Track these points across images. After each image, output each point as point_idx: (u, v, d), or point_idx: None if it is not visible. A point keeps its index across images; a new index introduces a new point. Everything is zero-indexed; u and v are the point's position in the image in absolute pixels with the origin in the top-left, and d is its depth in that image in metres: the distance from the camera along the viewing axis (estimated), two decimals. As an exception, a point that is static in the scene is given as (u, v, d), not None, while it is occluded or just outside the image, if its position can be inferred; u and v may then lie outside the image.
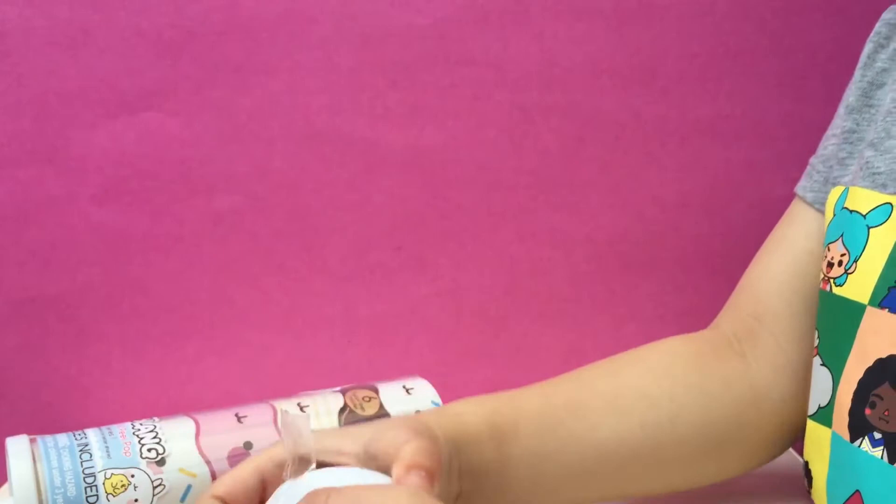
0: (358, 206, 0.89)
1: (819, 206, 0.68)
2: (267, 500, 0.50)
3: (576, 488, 0.63)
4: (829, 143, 0.69)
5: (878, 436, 0.56)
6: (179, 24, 0.84)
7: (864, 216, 0.60)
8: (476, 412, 0.60)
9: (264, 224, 0.89)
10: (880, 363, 0.56)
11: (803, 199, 0.70)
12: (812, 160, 0.71)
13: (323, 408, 0.69)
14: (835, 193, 0.65)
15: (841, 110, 0.69)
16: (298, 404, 0.68)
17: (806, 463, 0.66)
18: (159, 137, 0.86)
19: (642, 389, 0.65)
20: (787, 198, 0.75)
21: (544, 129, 0.90)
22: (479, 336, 0.93)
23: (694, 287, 0.94)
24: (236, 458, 0.64)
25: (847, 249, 0.61)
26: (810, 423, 0.64)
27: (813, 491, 0.64)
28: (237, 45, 0.85)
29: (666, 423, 0.64)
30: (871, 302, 0.58)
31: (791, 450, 0.83)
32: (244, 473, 0.52)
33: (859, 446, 0.57)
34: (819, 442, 0.63)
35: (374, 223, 0.90)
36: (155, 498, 0.61)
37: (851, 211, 0.62)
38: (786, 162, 0.72)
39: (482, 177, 0.90)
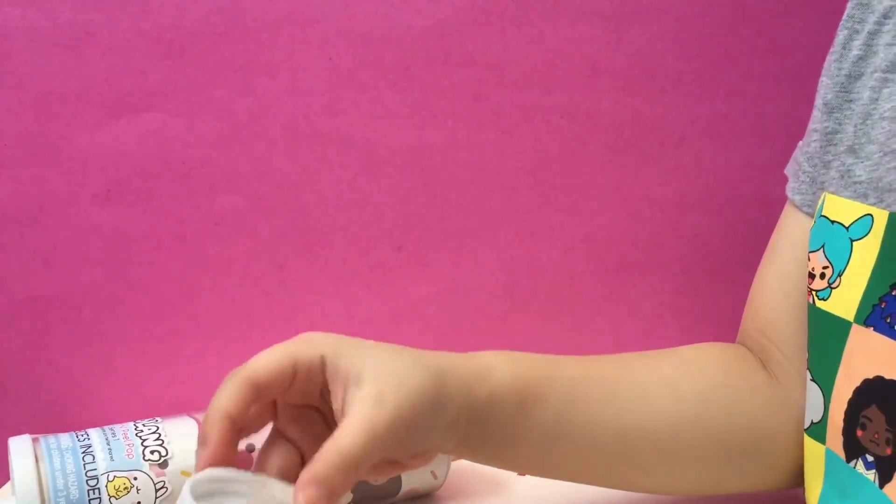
0: (358, 206, 0.90)
1: (807, 209, 0.66)
2: (296, 392, 0.52)
3: (582, 469, 0.63)
4: (812, 140, 0.66)
5: (870, 458, 0.55)
6: (181, 25, 0.84)
7: (847, 228, 0.58)
8: (506, 371, 0.59)
9: (265, 224, 0.89)
10: (867, 384, 0.55)
11: (792, 203, 0.68)
12: (798, 156, 0.68)
13: (324, 408, 0.69)
14: (821, 199, 0.63)
15: (819, 102, 0.65)
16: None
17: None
18: (161, 138, 0.86)
19: (673, 381, 0.65)
20: (786, 198, 0.74)
21: (544, 129, 0.90)
22: (479, 336, 0.93)
23: (693, 287, 0.94)
24: (238, 459, 0.64)
25: (830, 262, 0.60)
26: (805, 438, 0.63)
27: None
28: (238, 45, 0.85)
29: (691, 418, 0.64)
30: (857, 319, 0.56)
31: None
32: (279, 359, 0.52)
33: (854, 467, 0.56)
34: (812, 456, 0.62)
35: (374, 223, 0.90)
36: (157, 500, 0.62)
37: (833, 221, 0.60)
38: (785, 162, 0.72)
39: (482, 177, 0.90)
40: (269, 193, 0.88)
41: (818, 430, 0.61)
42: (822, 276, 0.60)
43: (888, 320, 0.54)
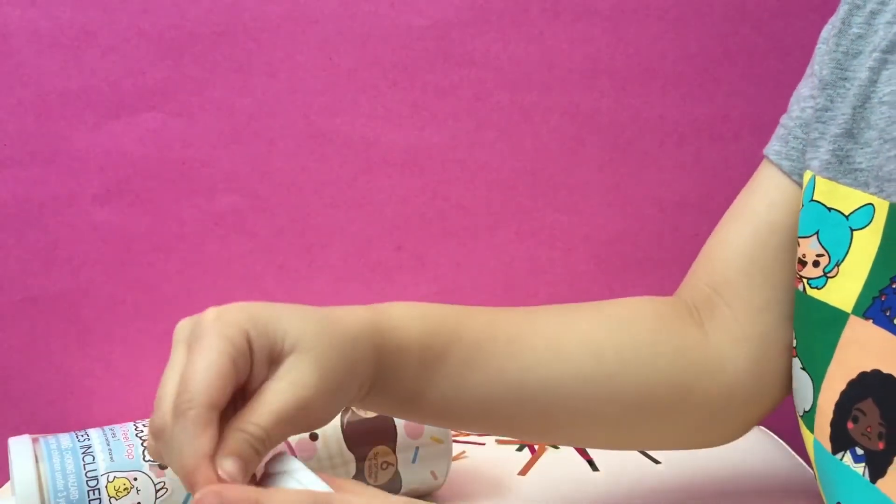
0: (358, 206, 0.90)
1: (796, 178, 0.63)
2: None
3: (489, 423, 0.62)
4: (807, 106, 0.63)
5: (860, 451, 0.54)
6: (181, 25, 0.84)
7: (847, 217, 0.57)
8: (412, 328, 0.57)
9: (265, 224, 0.89)
10: (863, 377, 0.54)
11: (777, 167, 0.64)
12: (786, 121, 0.65)
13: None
14: (804, 177, 0.61)
15: (816, 69, 0.63)
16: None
17: None
18: (161, 137, 0.86)
19: (591, 338, 0.62)
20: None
21: (544, 129, 0.90)
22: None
23: (693, 287, 0.94)
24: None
25: (826, 250, 0.58)
26: (801, 423, 0.62)
27: None
28: (238, 45, 0.85)
29: (603, 378, 0.61)
30: (855, 311, 0.55)
31: (789, 448, 0.84)
32: (224, 369, 0.47)
33: (841, 459, 0.55)
34: (808, 444, 0.61)
35: (374, 223, 0.90)
36: (157, 501, 0.62)
37: (830, 208, 0.58)
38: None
39: (482, 177, 0.90)
40: (269, 193, 0.89)
41: (808, 419, 0.60)
42: (816, 263, 0.59)
43: (888, 313, 0.53)
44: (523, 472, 0.79)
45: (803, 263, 0.60)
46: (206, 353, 0.47)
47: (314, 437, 0.68)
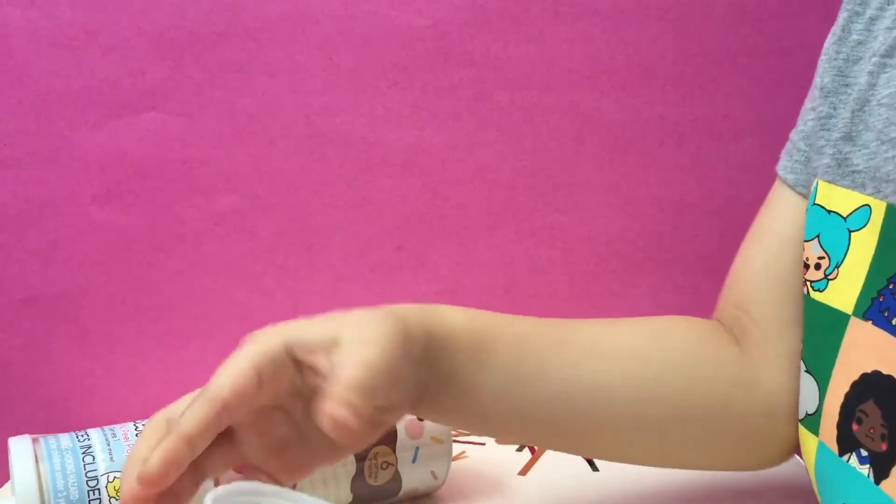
0: (358, 206, 0.90)
1: (801, 189, 0.64)
2: (263, 396, 0.50)
3: (535, 428, 0.62)
4: (809, 119, 0.64)
5: (864, 453, 0.54)
6: (181, 25, 0.84)
7: (845, 219, 0.58)
8: (458, 316, 0.59)
9: (265, 224, 0.89)
10: (865, 378, 0.54)
11: (784, 181, 0.66)
12: (792, 135, 0.67)
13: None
14: (813, 185, 0.62)
15: (817, 81, 0.64)
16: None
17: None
18: (161, 137, 0.86)
19: (632, 344, 0.64)
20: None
21: (544, 129, 0.90)
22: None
23: (693, 287, 0.94)
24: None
25: (826, 253, 0.59)
26: (800, 427, 0.63)
27: None
28: (238, 45, 0.85)
29: (650, 380, 0.62)
30: (855, 313, 0.56)
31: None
32: (246, 375, 0.49)
33: (847, 461, 0.56)
34: (806, 448, 0.61)
35: (374, 223, 0.90)
36: (157, 501, 0.62)
37: (829, 211, 0.59)
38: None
39: (482, 177, 0.90)
40: (269, 193, 0.89)
41: (812, 422, 0.60)
42: (818, 266, 0.59)
43: (886, 314, 0.53)
44: (523, 472, 0.79)
45: (806, 267, 0.61)
46: (229, 362, 0.50)
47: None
